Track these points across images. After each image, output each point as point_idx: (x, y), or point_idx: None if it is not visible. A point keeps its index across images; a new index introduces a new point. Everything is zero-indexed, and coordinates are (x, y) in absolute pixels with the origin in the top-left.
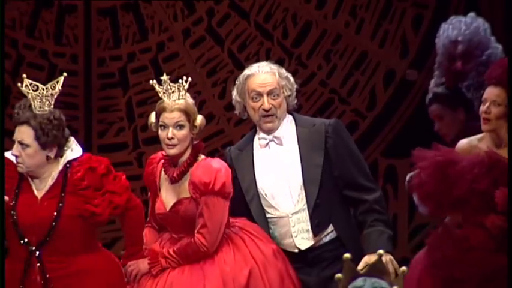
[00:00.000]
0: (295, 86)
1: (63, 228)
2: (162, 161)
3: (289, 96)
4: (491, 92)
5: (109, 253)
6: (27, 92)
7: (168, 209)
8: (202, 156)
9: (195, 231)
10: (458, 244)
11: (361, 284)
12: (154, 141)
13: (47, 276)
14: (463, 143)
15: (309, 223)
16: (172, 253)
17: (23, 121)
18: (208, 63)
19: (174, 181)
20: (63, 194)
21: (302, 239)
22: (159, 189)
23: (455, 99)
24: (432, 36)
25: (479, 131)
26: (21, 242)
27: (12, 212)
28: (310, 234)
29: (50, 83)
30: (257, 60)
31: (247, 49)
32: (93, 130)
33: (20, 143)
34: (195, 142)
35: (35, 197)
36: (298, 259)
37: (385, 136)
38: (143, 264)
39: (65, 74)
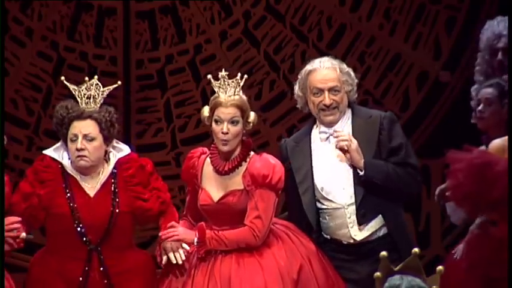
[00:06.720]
0: (356, 80)
1: (120, 224)
2: (203, 156)
3: (350, 91)
4: None
5: (144, 250)
6: (82, 90)
7: (215, 200)
8: (252, 153)
9: (248, 221)
10: (494, 243)
11: (399, 282)
12: (192, 142)
13: (108, 273)
14: (497, 143)
15: None
16: (221, 235)
17: (86, 115)
18: (245, 65)
19: (223, 174)
20: (116, 190)
21: (358, 229)
22: (201, 182)
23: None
24: (465, 38)
25: None
26: (83, 241)
27: (73, 213)
28: (366, 225)
29: (104, 88)
30: (292, 62)
31: (282, 51)
32: (132, 130)
33: (86, 136)
34: (244, 138)
35: (87, 195)
36: (352, 251)
37: (418, 137)
38: (188, 234)
39: (119, 82)
